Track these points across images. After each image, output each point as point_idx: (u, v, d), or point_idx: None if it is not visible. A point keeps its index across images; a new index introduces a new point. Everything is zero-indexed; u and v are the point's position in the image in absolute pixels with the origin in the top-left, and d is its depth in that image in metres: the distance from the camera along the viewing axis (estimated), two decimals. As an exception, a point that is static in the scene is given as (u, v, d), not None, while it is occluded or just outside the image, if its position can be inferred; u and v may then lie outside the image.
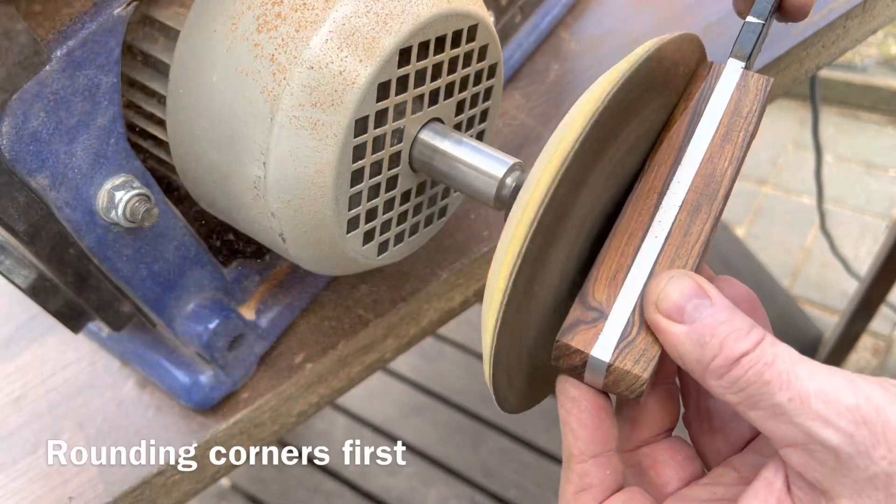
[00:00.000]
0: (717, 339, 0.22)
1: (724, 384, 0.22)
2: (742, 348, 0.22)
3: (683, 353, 0.23)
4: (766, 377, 0.21)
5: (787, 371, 0.21)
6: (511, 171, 0.32)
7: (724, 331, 0.22)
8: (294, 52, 0.29)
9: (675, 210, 0.26)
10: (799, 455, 0.21)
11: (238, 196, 0.32)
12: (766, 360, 0.22)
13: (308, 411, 0.43)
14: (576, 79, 0.54)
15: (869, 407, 0.20)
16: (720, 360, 0.22)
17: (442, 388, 1.36)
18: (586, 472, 0.25)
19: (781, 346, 0.22)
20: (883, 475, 0.20)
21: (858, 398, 0.21)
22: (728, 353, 0.22)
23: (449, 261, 0.44)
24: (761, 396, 0.21)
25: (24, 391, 0.44)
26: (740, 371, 0.22)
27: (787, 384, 0.21)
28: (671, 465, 0.27)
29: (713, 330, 0.22)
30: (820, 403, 0.21)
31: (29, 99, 0.27)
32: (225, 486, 1.26)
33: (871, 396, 0.21)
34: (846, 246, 1.40)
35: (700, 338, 0.22)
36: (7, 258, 0.36)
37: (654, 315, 0.24)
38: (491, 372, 0.25)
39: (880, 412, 0.20)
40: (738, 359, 0.22)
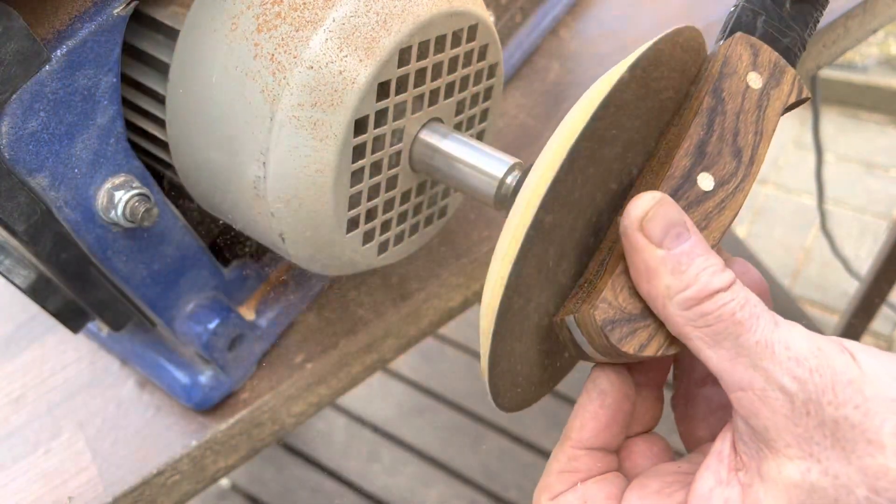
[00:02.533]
0: (693, 269, 0.22)
1: (689, 315, 0.22)
2: (718, 283, 0.22)
3: (653, 279, 0.23)
4: (737, 317, 0.22)
5: (757, 315, 0.22)
6: (511, 171, 0.32)
7: (700, 263, 0.22)
8: (294, 52, 0.29)
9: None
10: (751, 401, 0.22)
11: (238, 196, 0.32)
12: (740, 300, 0.22)
13: (308, 411, 0.43)
14: (576, 78, 0.54)
15: (822, 357, 0.21)
16: (692, 292, 0.22)
17: (442, 388, 1.36)
18: (576, 457, 0.25)
19: (750, 292, 0.22)
20: (830, 421, 0.21)
21: (812, 348, 0.21)
22: (703, 285, 0.22)
23: (449, 261, 0.44)
24: (727, 335, 0.22)
25: (24, 391, 0.44)
26: (712, 306, 0.22)
27: (755, 328, 0.22)
28: (646, 455, 0.27)
29: (691, 260, 0.22)
30: (782, 350, 0.21)
31: (28, 99, 0.27)
32: (225, 486, 1.26)
33: (823, 348, 0.21)
34: (847, 246, 1.40)
35: (676, 265, 0.22)
36: (7, 258, 0.36)
37: (634, 233, 0.23)
38: (488, 370, 0.25)
39: (829, 361, 0.21)
40: (712, 293, 0.22)
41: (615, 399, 0.26)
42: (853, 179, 1.64)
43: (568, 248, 0.26)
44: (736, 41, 0.27)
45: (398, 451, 1.28)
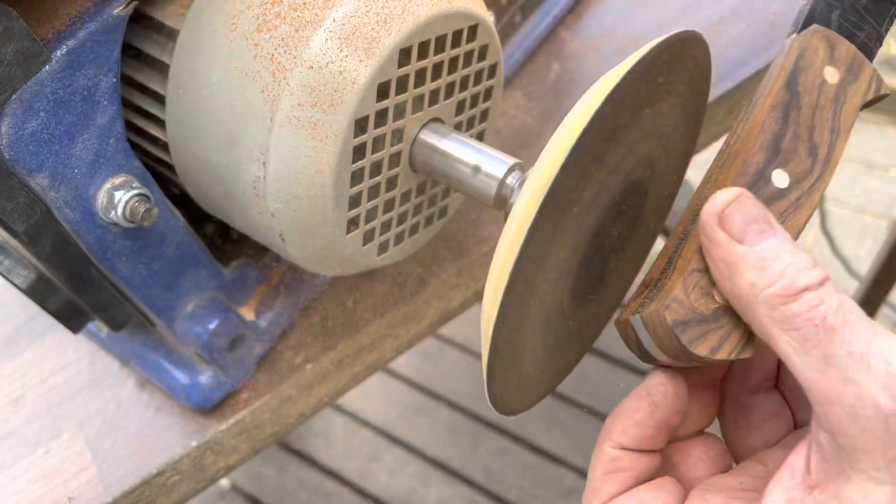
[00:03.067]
0: (779, 264, 0.20)
1: (776, 316, 0.20)
2: (806, 280, 0.20)
3: (736, 275, 0.21)
4: (829, 322, 0.19)
5: (852, 322, 0.20)
6: (511, 171, 0.32)
7: (787, 258, 0.20)
8: (294, 52, 0.29)
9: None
10: (839, 417, 0.19)
11: (238, 196, 0.32)
12: (832, 303, 0.20)
13: (308, 412, 0.43)
14: (576, 78, 0.54)
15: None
16: (777, 289, 0.20)
17: (442, 388, 1.36)
18: (619, 458, 0.24)
19: (846, 296, 0.20)
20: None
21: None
22: (789, 282, 0.20)
23: (449, 261, 0.44)
24: (817, 342, 0.20)
25: (24, 391, 0.44)
26: (800, 307, 0.20)
27: (849, 337, 0.19)
28: (703, 459, 0.26)
29: (777, 255, 0.20)
30: (881, 363, 0.19)
31: (28, 99, 0.27)
32: (225, 487, 1.26)
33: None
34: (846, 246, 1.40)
35: (760, 261, 0.21)
36: (7, 258, 0.36)
37: (713, 228, 0.22)
38: (488, 372, 0.25)
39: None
40: (800, 291, 0.20)
41: (665, 413, 0.24)
42: (853, 179, 1.64)
43: (574, 249, 0.26)
44: (811, 34, 0.26)
45: (398, 451, 1.28)
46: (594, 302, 0.30)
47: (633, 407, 0.24)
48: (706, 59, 0.29)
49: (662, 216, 0.33)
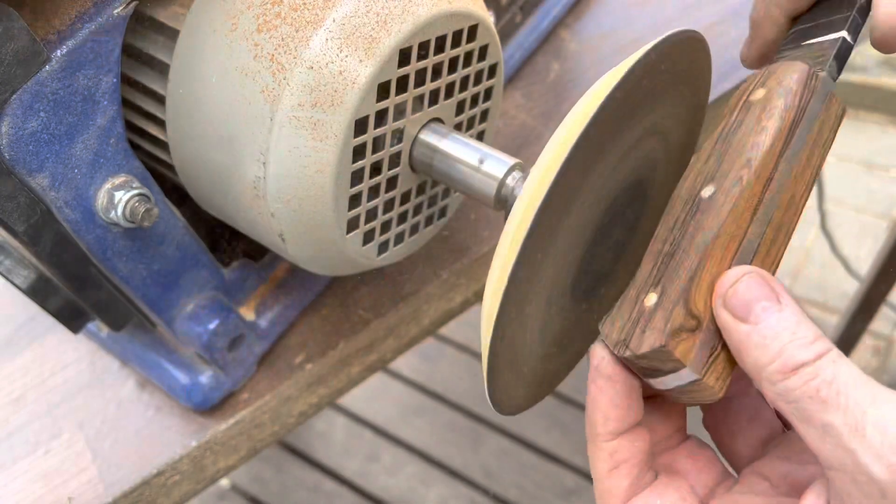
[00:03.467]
0: (777, 343, 0.22)
1: (777, 391, 0.21)
2: (801, 358, 0.21)
3: (743, 354, 0.22)
4: (822, 394, 0.21)
5: (845, 393, 0.20)
6: (511, 172, 0.32)
7: (786, 337, 0.22)
8: (294, 52, 0.29)
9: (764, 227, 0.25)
10: (843, 482, 0.20)
11: (238, 196, 0.32)
12: (825, 376, 0.21)
13: (308, 411, 0.43)
14: (576, 79, 0.54)
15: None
16: (777, 366, 0.21)
17: (442, 388, 1.36)
18: (616, 450, 0.25)
19: (845, 365, 0.21)
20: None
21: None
22: (786, 360, 0.21)
23: (449, 261, 0.44)
24: (814, 413, 0.21)
25: (24, 391, 0.44)
26: (796, 381, 0.21)
27: (843, 406, 0.20)
28: (692, 472, 0.26)
29: (776, 334, 0.22)
30: (876, 434, 0.20)
31: (29, 99, 0.27)
32: (225, 487, 1.26)
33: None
34: (847, 246, 1.40)
35: (762, 340, 0.22)
36: (7, 258, 0.36)
37: (720, 310, 0.23)
38: (488, 372, 0.25)
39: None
40: (795, 368, 0.21)
41: (624, 379, 0.25)
42: (853, 179, 1.64)
43: (574, 249, 0.26)
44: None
45: (398, 451, 1.28)
46: (594, 302, 0.30)
47: (597, 393, 0.25)
48: (706, 59, 0.29)
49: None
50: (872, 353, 1.34)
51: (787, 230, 0.26)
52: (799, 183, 0.26)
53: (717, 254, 0.25)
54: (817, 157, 0.26)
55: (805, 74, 0.26)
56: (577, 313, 0.29)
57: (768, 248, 0.25)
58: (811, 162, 0.26)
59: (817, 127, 0.26)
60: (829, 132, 0.27)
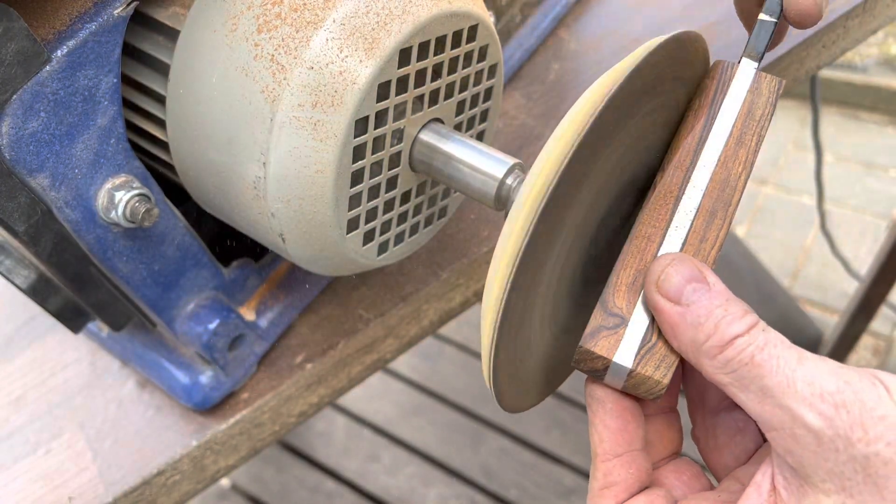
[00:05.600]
0: (711, 320, 0.23)
1: (716, 364, 0.23)
2: (735, 330, 0.23)
3: (679, 334, 0.24)
4: (756, 360, 0.22)
5: (777, 356, 0.22)
6: (511, 172, 0.32)
7: (719, 314, 0.23)
8: (294, 53, 0.29)
9: (691, 215, 0.26)
10: (784, 439, 0.22)
11: (238, 196, 0.32)
12: (758, 343, 0.22)
13: (308, 411, 0.43)
14: (576, 79, 0.54)
15: (849, 391, 0.21)
16: (714, 341, 0.23)
17: (442, 388, 1.36)
18: (609, 471, 0.26)
19: (773, 333, 0.23)
20: (861, 457, 0.21)
21: (839, 383, 0.21)
22: (722, 334, 0.23)
23: (449, 261, 0.44)
24: (752, 379, 0.22)
25: (24, 391, 0.44)
26: (733, 352, 0.23)
27: (776, 368, 0.22)
28: (677, 485, 0.27)
29: (709, 312, 0.23)
30: (805, 387, 0.21)
31: (29, 99, 0.27)
32: (225, 487, 1.26)
33: (851, 381, 0.21)
34: (846, 246, 1.40)
35: (696, 319, 0.23)
36: (7, 258, 0.36)
37: (654, 295, 0.24)
38: (490, 372, 0.25)
39: (858, 395, 0.21)
40: (731, 340, 0.23)
41: (613, 400, 0.26)
42: (853, 179, 1.64)
43: (574, 248, 0.26)
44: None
45: (398, 451, 1.28)
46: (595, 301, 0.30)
47: (591, 416, 0.27)
48: (705, 59, 0.29)
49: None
50: (872, 352, 1.34)
51: (724, 212, 0.26)
52: (732, 164, 0.27)
53: (633, 255, 0.26)
54: (751, 135, 0.27)
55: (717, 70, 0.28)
56: (579, 312, 0.29)
57: (703, 234, 0.26)
58: (743, 140, 0.27)
59: (745, 108, 0.27)
60: (763, 108, 0.28)
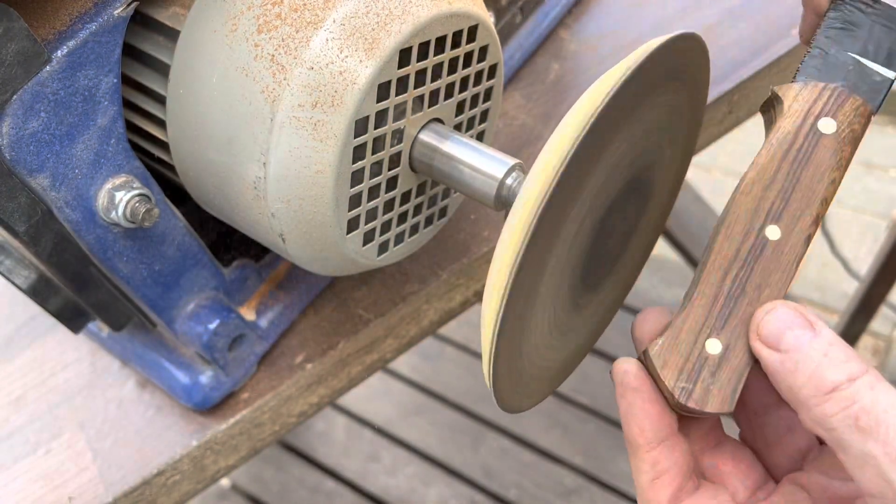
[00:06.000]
0: (809, 365, 0.21)
1: (814, 417, 0.21)
2: (833, 378, 0.20)
3: (779, 381, 0.22)
4: (861, 423, 0.20)
5: (886, 422, 0.20)
6: (511, 172, 0.32)
7: (817, 358, 0.21)
8: (294, 53, 0.29)
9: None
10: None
11: (238, 196, 0.32)
12: (864, 403, 0.20)
13: (308, 411, 0.43)
14: (576, 79, 0.54)
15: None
16: (810, 390, 0.21)
17: (442, 388, 1.36)
18: (657, 460, 0.25)
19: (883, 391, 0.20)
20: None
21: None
22: (818, 381, 0.21)
23: (449, 261, 0.44)
24: (853, 441, 0.20)
25: (24, 391, 0.44)
26: (833, 408, 0.20)
27: (884, 437, 0.20)
28: (734, 475, 0.26)
29: (808, 357, 0.21)
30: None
31: (29, 99, 0.27)
32: (225, 487, 1.26)
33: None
34: (846, 246, 1.40)
35: (794, 365, 0.22)
36: (7, 258, 0.36)
37: (755, 343, 0.24)
38: (491, 372, 0.25)
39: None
40: (829, 391, 0.20)
41: (649, 388, 0.25)
42: (853, 179, 1.64)
43: (574, 248, 0.26)
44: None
45: (398, 451, 1.28)
46: (596, 301, 0.30)
47: (627, 407, 0.25)
48: (705, 60, 0.29)
49: (664, 215, 0.33)
50: (872, 352, 1.34)
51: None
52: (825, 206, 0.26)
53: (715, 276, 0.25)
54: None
55: (866, 117, 0.26)
56: (579, 311, 0.29)
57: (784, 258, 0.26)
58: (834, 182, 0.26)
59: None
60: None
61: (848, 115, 0.26)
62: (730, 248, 0.26)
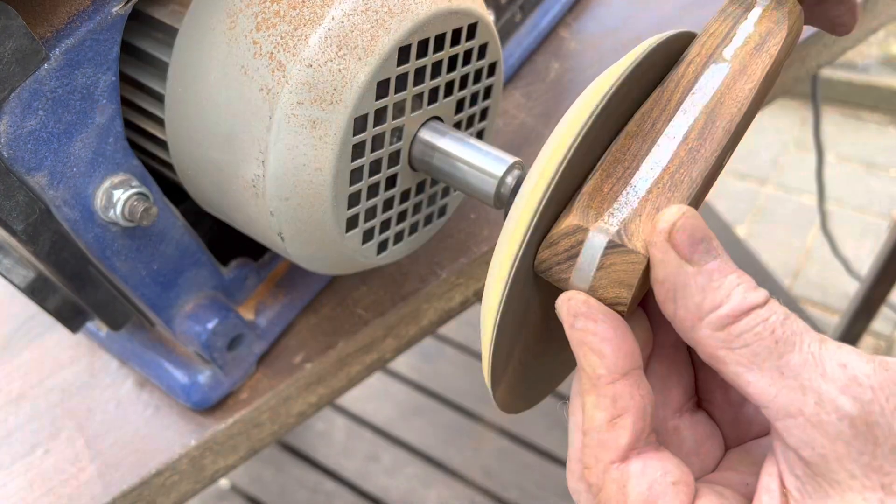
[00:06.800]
0: (726, 286, 0.20)
1: (723, 336, 0.20)
2: (754, 299, 0.20)
3: (682, 297, 0.21)
4: (777, 333, 0.19)
5: (800, 332, 0.20)
6: (511, 170, 0.32)
7: (734, 280, 0.20)
8: (293, 50, 0.28)
9: (685, 128, 0.24)
10: (802, 428, 0.19)
11: (237, 195, 0.32)
12: (779, 316, 0.20)
13: (307, 411, 0.43)
14: (576, 78, 0.54)
15: (888, 375, 0.19)
16: (727, 309, 0.20)
17: (442, 388, 1.36)
18: (619, 395, 0.21)
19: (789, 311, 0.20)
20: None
21: (874, 366, 0.19)
22: (738, 302, 0.20)
23: (449, 260, 0.44)
24: (769, 354, 0.19)
25: (23, 391, 0.44)
26: (748, 323, 0.20)
27: (800, 345, 0.19)
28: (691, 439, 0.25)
29: (723, 276, 0.20)
30: (836, 368, 0.19)
31: (27, 97, 0.27)
32: (225, 487, 1.26)
33: (890, 366, 0.19)
34: (847, 246, 1.40)
35: (708, 282, 0.20)
36: (6, 258, 0.36)
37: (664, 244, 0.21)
38: (490, 372, 0.25)
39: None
40: (748, 310, 0.20)
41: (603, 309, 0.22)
42: (854, 179, 1.64)
43: None
44: None
45: (398, 451, 1.28)
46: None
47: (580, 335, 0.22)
48: None
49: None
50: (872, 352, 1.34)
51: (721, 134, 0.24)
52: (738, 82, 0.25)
53: (617, 160, 0.24)
54: (763, 61, 0.25)
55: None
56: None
57: (690, 158, 0.24)
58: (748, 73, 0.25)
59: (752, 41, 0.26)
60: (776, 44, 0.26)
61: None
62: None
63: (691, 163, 0.24)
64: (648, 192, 0.23)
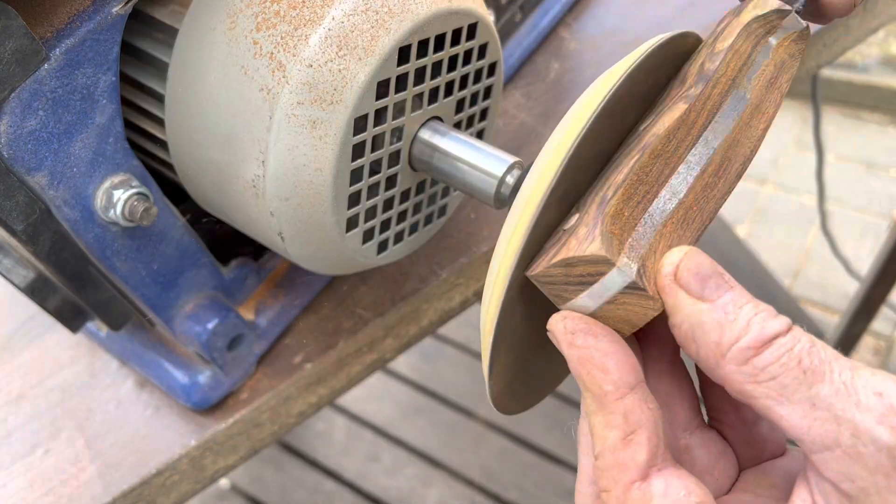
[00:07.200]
0: (743, 318, 0.19)
1: (748, 370, 0.19)
2: (775, 328, 0.19)
3: (700, 335, 0.20)
4: (804, 364, 0.19)
5: (828, 361, 0.19)
6: (511, 170, 0.32)
7: (750, 310, 0.19)
8: (293, 51, 0.28)
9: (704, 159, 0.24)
10: (839, 460, 0.18)
11: (237, 195, 0.32)
12: (804, 345, 0.19)
13: (307, 411, 0.43)
14: (576, 78, 0.54)
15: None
16: (747, 341, 0.19)
17: (442, 388, 1.36)
18: (629, 410, 0.21)
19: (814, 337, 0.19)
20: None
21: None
22: (758, 332, 0.19)
23: (449, 260, 0.44)
24: (797, 386, 0.19)
25: (23, 391, 0.44)
26: (773, 354, 0.19)
27: (829, 375, 0.18)
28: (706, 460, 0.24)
29: (738, 308, 0.20)
30: (870, 397, 0.18)
31: (27, 97, 0.27)
32: (225, 487, 1.26)
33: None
34: (847, 246, 1.40)
35: (724, 316, 0.19)
36: (6, 258, 0.36)
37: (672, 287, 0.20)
38: (489, 372, 0.25)
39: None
40: (770, 339, 0.19)
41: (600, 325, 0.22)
42: (854, 179, 1.64)
43: None
44: None
45: (398, 451, 1.28)
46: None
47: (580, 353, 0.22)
48: None
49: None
50: (873, 352, 1.34)
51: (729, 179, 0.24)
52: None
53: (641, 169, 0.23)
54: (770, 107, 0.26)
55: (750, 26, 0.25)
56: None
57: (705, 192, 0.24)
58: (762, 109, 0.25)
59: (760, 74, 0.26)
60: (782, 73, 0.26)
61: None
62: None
63: (704, 201, 0.24)
64: (663, 225, 0.23)
